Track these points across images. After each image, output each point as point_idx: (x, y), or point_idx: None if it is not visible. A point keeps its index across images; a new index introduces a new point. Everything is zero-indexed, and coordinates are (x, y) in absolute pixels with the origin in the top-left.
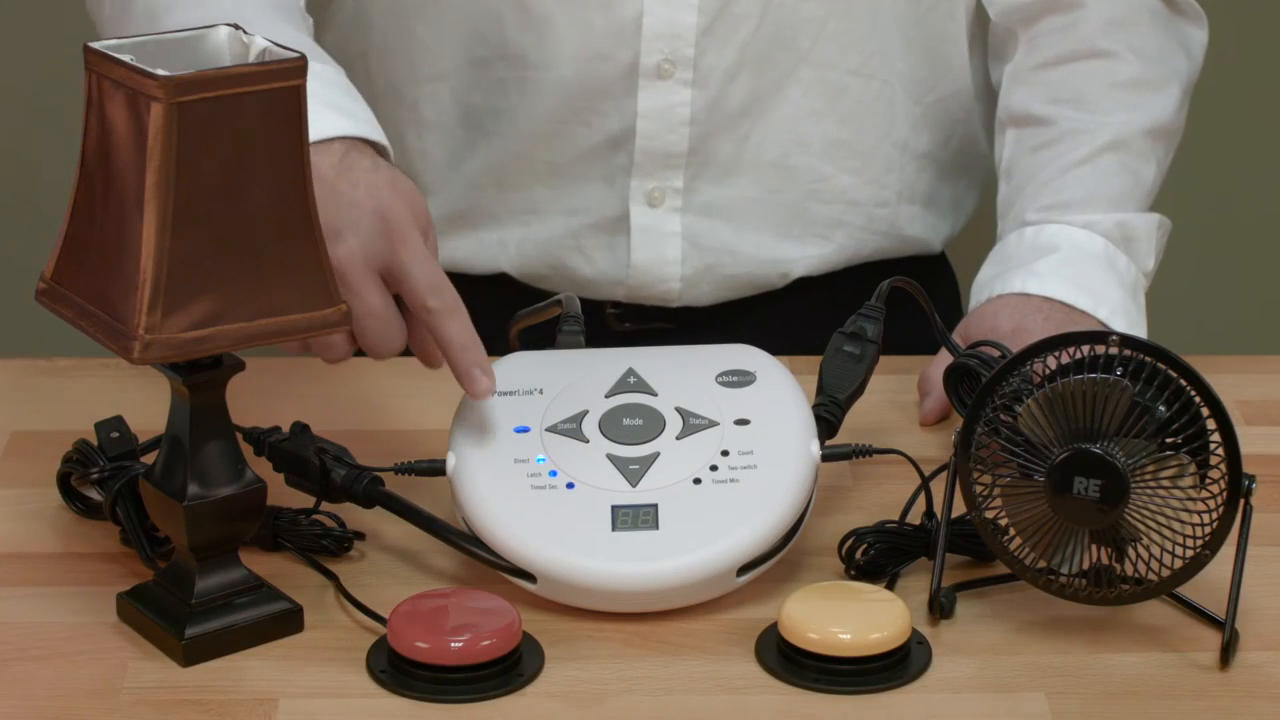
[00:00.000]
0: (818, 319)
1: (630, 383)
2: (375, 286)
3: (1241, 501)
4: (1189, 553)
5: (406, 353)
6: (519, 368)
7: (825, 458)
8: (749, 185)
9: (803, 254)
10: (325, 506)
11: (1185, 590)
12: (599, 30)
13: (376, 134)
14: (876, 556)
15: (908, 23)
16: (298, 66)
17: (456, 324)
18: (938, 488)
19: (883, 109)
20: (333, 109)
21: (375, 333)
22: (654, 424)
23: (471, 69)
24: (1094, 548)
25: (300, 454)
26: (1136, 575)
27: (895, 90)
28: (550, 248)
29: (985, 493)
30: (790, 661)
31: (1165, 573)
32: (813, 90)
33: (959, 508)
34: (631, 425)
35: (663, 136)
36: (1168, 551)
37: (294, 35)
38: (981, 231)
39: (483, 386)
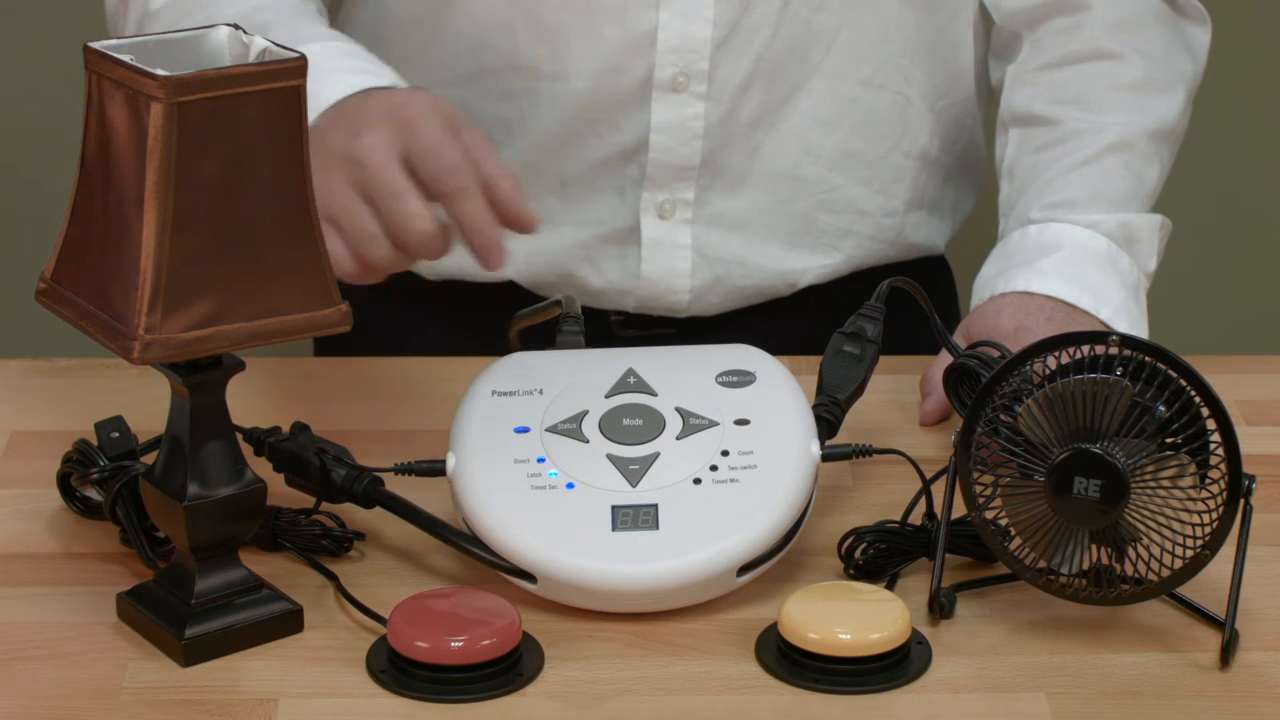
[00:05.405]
0: (822, 325)
1: (630, 383)
2: (396, 168)
3: (1241, 501)
4: (1189, 553)
5: (408, 353)
6: (519, 368)
7: (825, 458)
8: (759, 196)
9: (811, 264)
10: (325, 506)
11: (1185, 590)
12: (613, 43)
13: (401, 82)
14: (876, 556)
15: (922, 32)
16: (298, 66)
17: (470, 205)
18: (938, 489)
19: (895, 119)
20: (358, 72)
21: (400, 214)
22: (654, 424)
23: (480, 79)
24: (1094, 548)
25: (300, 454)
26: (1136, 575)
27: (911, 99)
28: (559, 258)
29: (985, 493)
30: (790, 661)
31: (1165, 573)
32: (824, 101)
33: (959, 508)
34: (631, 425)
35: (676, 149)
36: (1168, 551)
37: (310, 26)
38: (980, 232)
39: (495, 261)
